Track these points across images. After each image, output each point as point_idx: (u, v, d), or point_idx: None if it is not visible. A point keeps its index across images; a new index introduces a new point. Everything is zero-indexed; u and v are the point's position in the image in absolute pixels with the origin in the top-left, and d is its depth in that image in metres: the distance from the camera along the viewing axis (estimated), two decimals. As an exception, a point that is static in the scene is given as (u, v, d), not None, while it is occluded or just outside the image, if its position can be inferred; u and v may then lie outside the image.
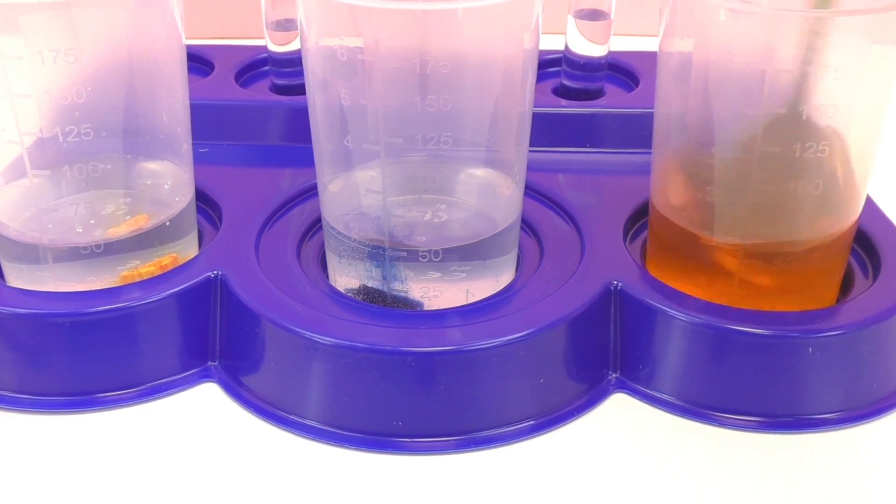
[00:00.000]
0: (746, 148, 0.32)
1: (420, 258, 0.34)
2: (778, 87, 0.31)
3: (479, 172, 0.36)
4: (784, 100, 0.31)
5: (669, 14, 0.33)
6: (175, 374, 0.36)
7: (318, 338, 0.33)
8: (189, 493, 0.31)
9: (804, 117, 0.32)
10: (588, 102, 0.47)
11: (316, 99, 0.34)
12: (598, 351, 0.35)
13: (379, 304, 0.35)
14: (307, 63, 0.33)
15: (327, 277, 0.37)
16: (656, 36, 0.35)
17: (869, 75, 0.31)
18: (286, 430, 0.34)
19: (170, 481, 0.32)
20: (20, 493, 0.31)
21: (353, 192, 0.35)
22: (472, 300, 0.36)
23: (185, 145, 0.37)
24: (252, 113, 0.47)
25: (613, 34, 0.46)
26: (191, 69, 0.50)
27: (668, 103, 0.35)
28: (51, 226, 0.35)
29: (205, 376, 0.36)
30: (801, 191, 0.33)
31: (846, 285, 0.37)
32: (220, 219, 0.40)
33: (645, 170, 0.37)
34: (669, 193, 0.36)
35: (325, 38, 0.32)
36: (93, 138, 0.34)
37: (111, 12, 0.34)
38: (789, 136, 0.32)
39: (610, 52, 0.47)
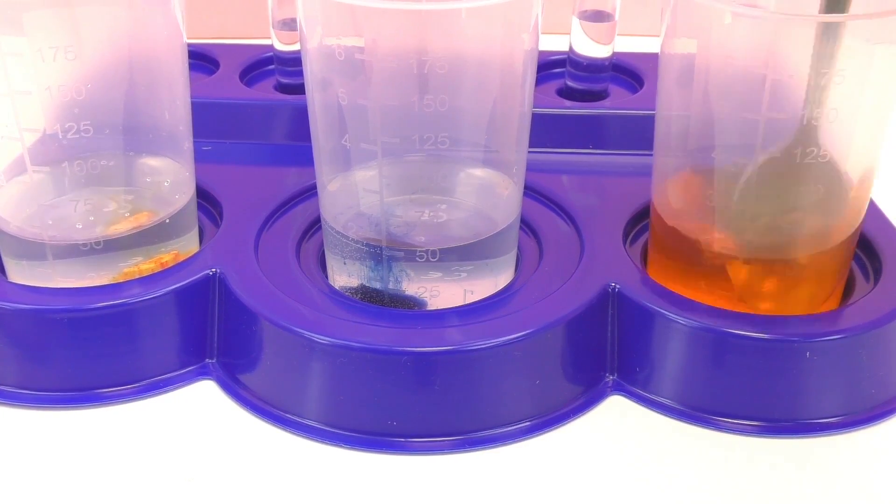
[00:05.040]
0: (747, 152, 0.32)
1: (418, 258, 0.34)
2: (779, 91, 0.31)
3: (478, 172, 0.36)
4: (785, 104, 0.31)
5: (670, 16, 0.33)
6: (173, 371, 0.36)
7: (315, 337, 0.33)
8: (185, 491, 0.31)
9: (804, 122, 0.32)
10: (592, 104, 0.47)
11: (315, 98, 0.34)
12: (595, 352, 0.35)
13: (377, 303, 0.35)
14: (306, 62, 0.34)
15: (326, 276, 0.37)
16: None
17: (871, 79, 0.31)
18: (283, 429, 0.34)
19: (165, 478, 0.32)
20: (19, 488, 0.31)
21: (351, 191, 0.35)
22: (470, 300, 0.36)
23: (187, 143, 0.38)
24: (256, 111, 0.47)
25: (618, 34, 0.46)
26: (196, 67, 0.50)
27: (669, 106, 0.35)
28: (51, 222, 0.35)
29: (202, 373, 0.36)
30: (802, 196, 0.33)
31: (847, 288, 0.37)
32: (221, 216, 0.40)
33: (648, 172, 0.37)
34: (670, 196, 0.36)
35: (324, 37, 0.32)
36: (93, 135, 0.34)
37: (112, 10, 0.34)
38: (789, 141, 0.32)
39: (614, 54, 0.46)
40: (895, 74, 0.32)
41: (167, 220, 0.37)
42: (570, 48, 0.46)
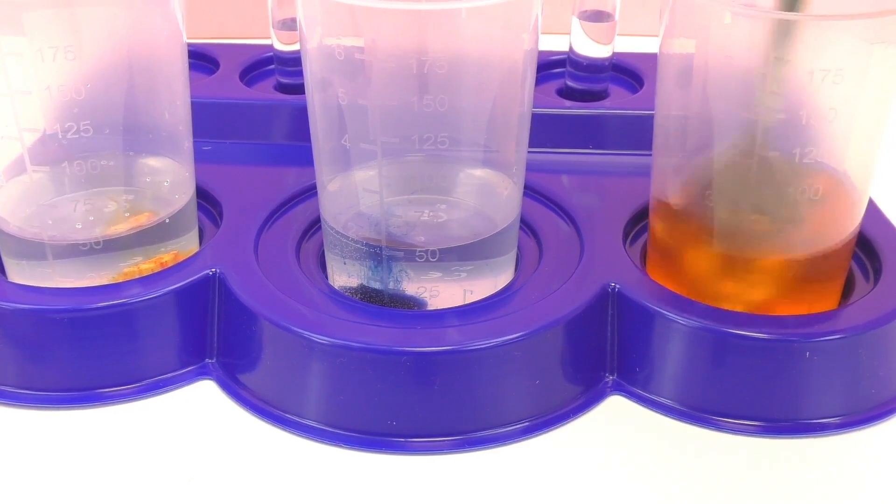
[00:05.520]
0: (745, 152, 0.32)
1: (417, 258, 0.34)
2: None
3: (478, 172, 0.36)
4: (783, 104, 0.31)
5: (669, 16, 0.33)
6: (173, 371, 0.36)
7: (315, 337, 0.33)
8: (185, 491, 0.31)
9: (804, 122, 0.32)
10: (592, 104, 0.47)
11: (314, 98, 0.34)
12: (595, 353, 0.35)
13: (377, 303, 0.35)
14: (306, 62, 0.34)
15: (326, 277, 0.37)
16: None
17: (869, 77, 0.31)
18: (283, 429, 0.34)
19: (165, 478, 0.32)
20: (19, 488, 0.31)
21: (351, 191, 0.35)
22: (470, 300, 0.36)
23: (186, 143, 0.38)
24: (256, 111, 0.47)
25: (618, 34, 0.46)
26: (196, 67, 0.50)
27: (668, 105, 0.35)
28: (50, 222, 0.35)
29: (202, 373, 0.36)
30: (801, 196, 0.33)
31: (847, 288, 0.37)
32: (221, 216, 0.40)
33: (648, 172, 0.37)
34: (669, 196, 0.36)
35: (323, 37, 0.32)
36: (92, 135, 0.34)
37: (112, 10, 0.34)
38: (789, 141, 0.32)
39: (614, 54, 0.46)
40: (894, 74, 0.32)
41: (167, 220, 0.37)
42: (570, 48, 0.46)
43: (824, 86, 0.31)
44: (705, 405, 0.34)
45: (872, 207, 0.39)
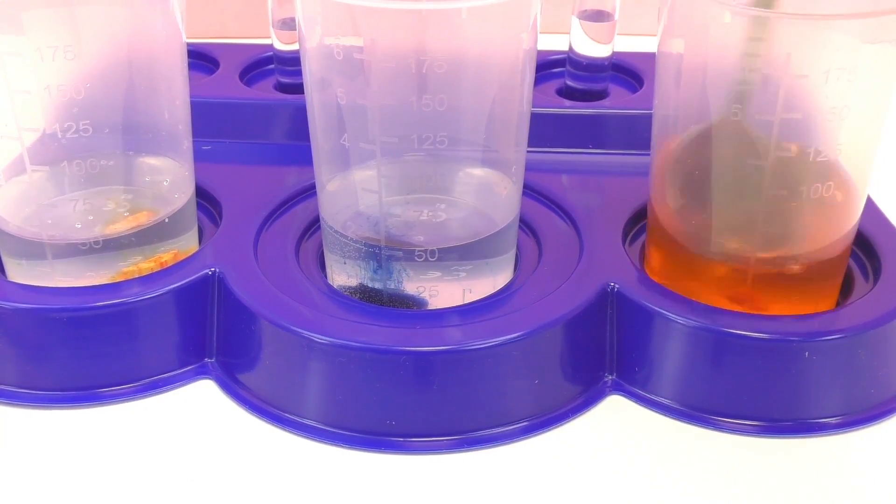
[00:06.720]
0: (744, 152, 0.32)
1: (416, 257, 0.34)
2: (776, 91, 0.31)
3: (477, 172, 0.36)
4: (782, 104, 0.31)
5: (668, 15, 0.33)
6: (172, 371, 0.36)
7: (314, 336, 0.33)
8: (184, 490, 0.31)
9: (806, 122, 0.32)
10: (592, 103, 0.47)
11: (314, 98, 0.34)
12: (594, 352, 0.35)
13: (376, 303, 0.35)
14: (305, 62, 0.34)
15: (325, 276, 0.37)
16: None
17: (869, 77, 0.31)
18: (282, 429, 0.34)
19: (164, 477, 0.32)
20: (19, 488, 0.31)
21: (350, 191, 0.35)
22: (469, 300, 0.36)
23: (186, 142, 0.38)
24: (256, 111, 0.47)
25: (618, 34, 0.46)
26: (196, 67, 0.50)
27: (666, 105, 0.35)
28: (50, 222, 0.35)
29: (202, 373, 0.36)
30: (800, 195, 0.33)
31: (846, 287, 0.37)
32: (221, 216, 0.40)
33: (648, 172, 0.37)
34: (668, 196, 0.36)
35: (323, 37, 0.32)
36: (91, 135, 0.34)
37: (111, 10, 0.34)
38: (790, 141, 0.32)
39: (614, 53, 0.46)
40: (893, 74, 0.32)
41: (166, 220, 0.37)
42: (570, 48, 0.46)
43: (826, 86, 0.31)
44: (704, 405, 0.34)
45: (872, 207, 0.39)
